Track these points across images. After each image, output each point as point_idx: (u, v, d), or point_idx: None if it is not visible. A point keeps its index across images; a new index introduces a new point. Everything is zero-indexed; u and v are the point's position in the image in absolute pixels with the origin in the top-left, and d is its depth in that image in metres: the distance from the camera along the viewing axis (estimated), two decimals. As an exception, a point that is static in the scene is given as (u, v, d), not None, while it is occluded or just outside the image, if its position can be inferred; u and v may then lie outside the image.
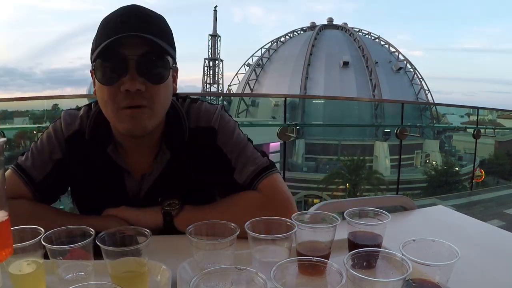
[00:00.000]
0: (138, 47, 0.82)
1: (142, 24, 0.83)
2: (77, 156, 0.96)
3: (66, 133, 0.96)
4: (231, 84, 48.52)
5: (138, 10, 0.86)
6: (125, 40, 0.81)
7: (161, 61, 0.85)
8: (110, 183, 0.97)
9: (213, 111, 1.00)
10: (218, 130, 0.98)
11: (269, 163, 0.98)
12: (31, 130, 5.25)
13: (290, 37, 47.26)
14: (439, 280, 0.59)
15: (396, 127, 5.11)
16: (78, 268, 0.65)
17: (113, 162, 0.95)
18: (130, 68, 0.81)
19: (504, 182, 12.24)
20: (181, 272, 0.68)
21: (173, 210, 0.90)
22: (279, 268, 0.55)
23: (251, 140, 1.02)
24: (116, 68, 0.82)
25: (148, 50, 0.82)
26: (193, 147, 0.97)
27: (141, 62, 0.82)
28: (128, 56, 0.81)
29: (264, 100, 31.42)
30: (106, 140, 0.94)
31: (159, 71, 0.85)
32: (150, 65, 0.83)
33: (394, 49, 44.14)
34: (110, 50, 0.81)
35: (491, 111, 9.81)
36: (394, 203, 1.28)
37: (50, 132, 0.98)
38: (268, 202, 0.92)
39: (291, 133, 4.22)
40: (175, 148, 0.96)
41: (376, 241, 0.75)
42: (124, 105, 0.83)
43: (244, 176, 0.96)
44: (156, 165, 0.96)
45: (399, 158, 6.89)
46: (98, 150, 0.95)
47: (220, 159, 0.97)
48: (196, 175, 0.98)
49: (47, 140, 0.97)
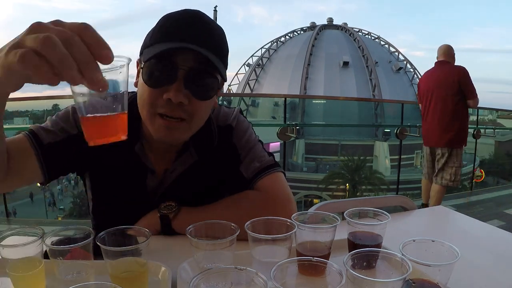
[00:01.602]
0: (192, 59, 0.80)
1: (203, 36, 0.81)
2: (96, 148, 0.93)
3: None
4: (231, 84, 48.54)
5: (202, 19, 0.84)
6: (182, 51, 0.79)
7: (210, 78, 0.83)
8: (131, 179, 0.96)
9: (231, 112, 1.03)
10: (234, 128, 1.00)
11: (274, 162, 1.00)
12: (31, 130, 5.25)
13: (290, 37, 47.30)
14: (439, 280, 0.59)
15: (396, 127, 5.11)
16: (78, 268, 0.65)
17: (138, 160, 0.94)
18: (179, 79, 0.80)
19: (504, 182, 12.25)
20: (181, 272, 0.68)
21: (170, 213, 0.90)
22: (279, 268, 0.55)
23: (261, 142, 1.05)
24: (165, 74, 0.80)
25: (200, 65, 0.80)
26: (218, 151, 0.98)
27: (191, 75, 0.80)
28: (179, 66, 0.79)
29: (264, 100, 31.48)
30: (135, 137, 0.93)
31: (206, 88, 0.83)
32: (199, 80, 0.81)
33: (394, 49, 44.18)
34: (165, 55, 0.79)
35: (491, 111, 9.81)
36: (394, 203, 1.28)
37: (68, 110, 0.94)
38: (267, 199, 0.92)
39: (291, 133, 4.22)
40: (203, 153, 0.97)
41: (376, 241, 0.75)
42: (162, 112, 0.81)
43: (249, 171, 0.97)
44: (179, 164, 0.96)
45: (399, 158, 6.89)
46: (124, 146, 0.93)
47: (233, 153, 0.99)
48: (213, 175, 0.99)
49: (64, 115, 0.93)
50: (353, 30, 44.72)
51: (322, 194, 21.05)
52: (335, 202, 1.18)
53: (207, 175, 0.99)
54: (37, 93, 7.93)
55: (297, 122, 5.53)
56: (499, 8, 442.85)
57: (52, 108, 7.80)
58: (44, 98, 7.10)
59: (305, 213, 0.81)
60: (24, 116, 15.62)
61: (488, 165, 16.94)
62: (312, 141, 27.81)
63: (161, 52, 0.78)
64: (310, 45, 41.05)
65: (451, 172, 3.55)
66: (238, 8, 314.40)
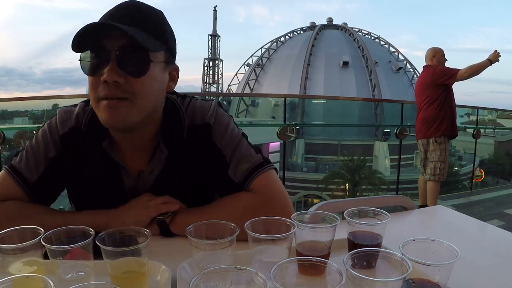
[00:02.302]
0: (120, 39, 0.81)
1: (127, 17, 0.83)
2: (72, 152, 0.95)
3: (62, 130, 0.96)
4: (231, 84, 48.60)
5: (131, 4, 0.86)
6: (109, 32, 0.81)
7: (142, 55, 0.84)
8: (107, 179, 0.96)
9: (208, 107, 1.00)
10: (213, 126, 0.97)
11: (263, 159, 0.97)
12: (31, 130, 5.24)
13: (290, 37, 47.28)
14: (439, 280, 0.59)
15: (396, 127, 5.10)
16: (78, 268, 0.65)
17: (109, 157, 0.94)
18: (111, 60, 0.81)
19: (503, 182, 12.23)
20: (181, 272, 0.68)
21: (167, 218, 0.90)
22: (279, 268, 0.55)
23: (245, 135, 1.01)
24: (98, 58, 0.82)
25: (128, 43, 0.81)
26: (191, 144, 0.96)
27: (122, 54, 0.81)
28: (109, 47, 0.81)
29: (264, 100, 31.48)
30: (102, 134, 0.93)
31: (138, 65, 0.84)
32: (130, 58, 0.82)
33: (394, 49, 44.18)
34: (91, 40, 0.81)
35: (491, 111, 9.81)
36: (394, 203, 1.28)
37: (45, 130, 0.97)
38: (264, 202, 0.91)
39: (290, 133, 4.22)
40: (173, 146, 0.95)
41: (376, 241, 0.75)
42: (102, 96, 0.83)
43: (238, 174, 0.95)
44: (154, 164, 0.96)
45: (399, 158, 6.87)
46: (94, 145, 0.94)
47: (215, 154, 0.96)
48: (194, 173, 0.98)
49: (42, 138, 0.96)
50: (353, 30, 44.71)
51: (322, 194, 21.03)
52: (335, 202, 1.18)
53: (184, 170, 0.97)
54: (37, 93, 7.89)
55: (297, 122, 5.52)
56: (499, 8, 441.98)
57: (52, 108, 7.78)
58: (44, 98, 7.10)
59: (305, 213, 0.80)
60: (24, 116, 15.59)
61: (488, 165, 16.92)
62: (312, 141, 27.81)
63: (80, 35, 0.78)
64: (310, 45, 41.04)
65: (431, 167, 3.68)
66: (239, 8, 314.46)
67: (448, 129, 3.63)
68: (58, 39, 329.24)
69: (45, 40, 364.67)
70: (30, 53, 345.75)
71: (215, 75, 54.51)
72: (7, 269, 0.64)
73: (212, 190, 1.05)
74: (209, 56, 54.10)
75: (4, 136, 3.91)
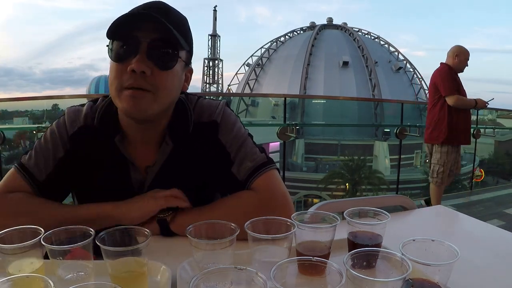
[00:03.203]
0: (152, 32, 0.84)
1: (161, 13, 0.85)
2: (81, 151, 0.96)
3: (71, 130, 0.96)
4: (230, 84, 48.59)
5: (159, 4, 0.89)
6: (142, 24, 0.83)
7: (172, 49, 0.87)
8: (115, 176, 0.96)
9: (216, 106, 1.01)
10: (220, 124, 0.99)
11: (266, 159, 0.98)
12: (31, 130, 5.25)
13: (290, 37, 47.27)
14: (439, 280, 0.59)
15: (396, 127, 5.10)
16: (78, 268, 0.65)
17: (119, 153, 0.95)
18: (141, 50, 0.83)
19: (504, 182, 12.23)
20: (181, 272, 0.68)
21: (167, 216, 0.90)
22: (279, 268, 0.55)
23: (251, 135, 1.03)
24: (127, 47, 0.84)
25: (161, 37, 0.84)
26: (196, 141, 0.97)
27: (152, 46, 0.84)
28: (141, 38, 0.83)
29: (263, 100, 31.46)
30: (114, 130, 0.94)
31: (168, 59, 0.87)
32: (160, 50, 0.85)
33: (393, 49, 44.17)
34: (126, 29, 0.83)
35: (491, 111, 9.80)
36: (394, 203, 1.28)
37: (53, 129, 0.98)
38: (265, 202, 0.92)
39: (290, 133, 4.22)
40: (178, 140, 0.96)
41: (376, 241, 0.75)
42: (127, 85, 0.84)
43: (242, 172, 0.96)
44: (159, 157, 0.96)
45: (399, 158, 6.87)
46: (105, 140, 0.95)
47: (221, 152, 0.97)
48: (197, 170, 0.98)
49: (50, 138, 0.97)
50: (353, 30, 44.70)
51: (322, 194, 21.02)
52: (335, 202, 1.18)
53: (187, 165, 0.97)
54: (37, 93, 7.92)
55: (297, 122, 5.51)
56: (499, 8, 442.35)
57: (52, 108, 7.79)
58: (44, 98, 7.11)
59: (305, 213, 0.80)
60: (24, 116, 15.61)
61: (488, 165, 16.91)
62: (312, 141, 27.79)
63: (118, 25, 0.81)
64: (309, 45, 41.03)
65: (432, 169, 3.70)
66: (241, 8, 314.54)
67: (448, 138, 3.46)
68: (58, 39, 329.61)
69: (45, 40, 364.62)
70: (30, 53, 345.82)
71: (215, 75, 54.53)
72: (7, 269, 0.64)
73: (214, 189, 1.05)
74: (209, 56, 54.11)
75: (4, 136, 3.92)
